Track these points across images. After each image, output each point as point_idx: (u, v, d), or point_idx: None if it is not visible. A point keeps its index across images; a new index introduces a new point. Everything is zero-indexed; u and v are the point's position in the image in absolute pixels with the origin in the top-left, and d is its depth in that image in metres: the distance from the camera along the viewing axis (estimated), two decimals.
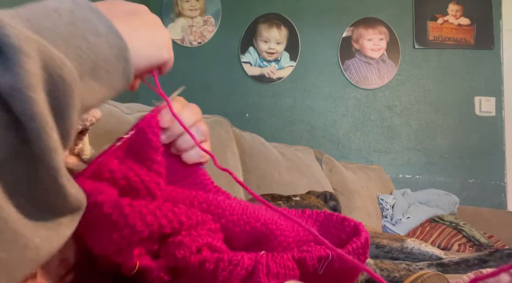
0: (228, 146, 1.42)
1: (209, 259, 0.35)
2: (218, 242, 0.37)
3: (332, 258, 0.38)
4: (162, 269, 0.34)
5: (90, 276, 0.37)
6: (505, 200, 2.30)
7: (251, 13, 2.64)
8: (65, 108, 0.24)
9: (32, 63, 0.22)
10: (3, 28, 0.22)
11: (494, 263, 0.99)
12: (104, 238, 0.33)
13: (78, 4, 0.28)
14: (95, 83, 0.28)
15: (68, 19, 0.27)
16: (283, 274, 0.37)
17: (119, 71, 0.30)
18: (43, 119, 0.22)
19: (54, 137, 0.23)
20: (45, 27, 0.25)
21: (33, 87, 0.22)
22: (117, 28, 0.29)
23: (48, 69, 0.23)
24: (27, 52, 0.22)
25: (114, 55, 0.29)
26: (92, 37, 0.28)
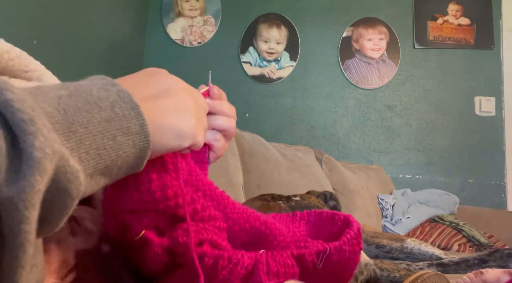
0: (228, 146, 1.42)
1: (209, 255, 0.35)
2: (223, 241, 0.38)
3: (330, 251, 0.39)
4: (162, 247, 0.35)
5: (90, 277, 0.37)
6: (505, 200, 2.30)
7: (251, 13, 2.64)
8: (58, 216, 0.24)
9: (44, 181, 0.21)
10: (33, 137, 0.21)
11: (494, 263, 0.99)
12: (125, 194, 0.34)
13: (122, 100, 0.29)
14: (103, 178, 0.28)
15: (105, 115, 0.27)
16: (283, 273, 0.37)
17: (130, 167, 0.30)
18: (27, 237, 0.21)
19: (29, 254, 0.22)
20: (79, 124, 0.25)
21: (32, 206, 0.21)
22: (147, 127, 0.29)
23: (57, 183, 0.23)
24: (44, 169, 0.21)
25: (134, 154, 0.29)
26: (120, 137, 0.28)
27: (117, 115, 0.28)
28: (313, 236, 0.45)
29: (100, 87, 0.29)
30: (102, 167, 0.27)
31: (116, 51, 2.34)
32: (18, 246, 0.21)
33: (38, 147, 0.21)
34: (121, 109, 0.28)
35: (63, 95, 0.26)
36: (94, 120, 0.26)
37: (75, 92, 0.27)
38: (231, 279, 0.35)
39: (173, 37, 2.68)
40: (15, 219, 0.21)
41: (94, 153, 0.26)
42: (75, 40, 1.93)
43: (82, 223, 0.38)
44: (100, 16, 2.14)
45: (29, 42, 1.61)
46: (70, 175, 0.23)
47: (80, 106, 0.26)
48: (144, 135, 0.29)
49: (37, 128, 0.22)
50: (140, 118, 0.29)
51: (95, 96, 0.28)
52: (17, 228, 0.21)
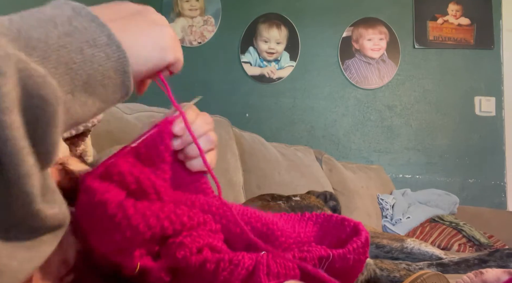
0: (228, 146, 1.42)
1: (210, 260, 0.35)
2: (218, 242, 0.37)
3: (333, 258, 0.38)
4: (163, 270, 0.34)
5: (90, 277, 0.37)
6: (505, 200, 2.30)
7: (251, 13, 2.64)
8: (45, 128, 0.23)
9: (8, 83, 0.20)
10: None
11: (494, 263, 0.99)
12: (107, 237, 0.33)
13: (78, 13, 0.27)
14: (89, 97, 0.27)
15: (64, 29, 0.26)
16: (284, 274, 0.37)
17: (117, 85, 0.29)
18: (17, 143, 0.21)
19: (29, 162, 0.21)
20: (37, 39, 0.24)
21: (7, 109, 0.20)
22: (117, 37, 0.28)
23: (27, 88, 0.22)
24: (3, 71, 0.20)
25: (112, 67, 0.28)
26: (88, 49, 0.26)
27: (77, 28, 0.26)
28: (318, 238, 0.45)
29: (55, 6, 0.27)
30: (80, 83, 0.26)
31: None
32: (13, 154, 0.21)
33: None
34: (80, 22, 0.27)
35: (14, 18, 0.25)
36: (52, 35, 0.25)
37: (26, 14, 0.26)
38: (232, 280, 0.35)
39: None
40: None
41: (65, 68, 0.25)
42: None
43: None
44: None
45: None
46: (37, 78, 0.22)
47: (34, 24, 0.25)
48: (115, 45, 0.28)
49: None
50: (104, 29, 0.27)
51: (49, 15, 0.26)
52: (3, 134, 0.20)
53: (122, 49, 0.28)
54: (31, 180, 0.22)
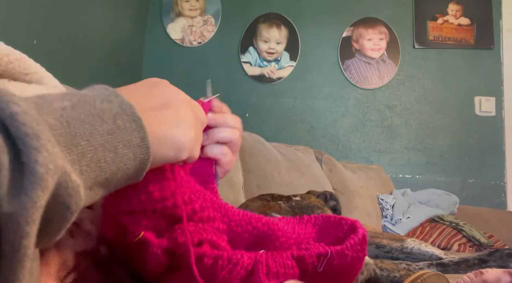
0: None
1: (208, 255, 0.35)
2: (222, 242, 0.38)
3: (331, 255, 0.38)
4: (161, 248, 0.35)
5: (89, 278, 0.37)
6: (505, 200, 2.30)
7: (251, 13, 2.64)
8: (56, 229, 0.24)
9: (44, 198, 0.21)
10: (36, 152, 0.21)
11: (494, 263, 0.99)
12: (123, 195, 0.34)
13: (124, 112, 0.29)
14: (101, 189, 0.28)
15: (107, 128, 0.27)
16: (283, 273, 0.37)
17: (130, 178, 0.30)
18: (26, 252, 0.21)
19: (27, 268, 0.22)
20: (81, 136, 0.26)
21: (33, 222, 0.21)
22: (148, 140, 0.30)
23: (58, 197, 0.23)
24: (46, 186, 0.21)
25: (134, 167, 0.29)
26: (121, 149, 0.28)
27: (119, 127, 0.28)
28: (318, 239, 0.45)
29: (103, 98, 0.29)
30: (102, 179, 0.27)
31: (116, 51, 2.34)
32: (17, 261, 0.21)
33: (41, 162, 0.21)
34: (123, 121, 0.28)
35: (67, 107, 0.26)
36: (96, 133, 0.27)
37: (78, 103, 0.27)
38: (231, 279, 0.35)
39: (173, 37, 2.68)
40: (16, 234, 0.21)
41: (95, 166, 0.26)
42: (75, 40, 1.93)
43: (81, 224, 0.38)
44: (100, 16, 2.14)
45: (29, 42, 1.61)
46: (71, 190, 0.23)
47: (83, 118, 0.26)
48: (145, 147, 0.30)
49: (41, 143, 0.22)
50: (141, 131, 0.29)
51: (98, 108, 0.28)
52: (18, 243, 0.21)
53: (149, 152, 0.30)
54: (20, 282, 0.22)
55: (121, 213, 0.35)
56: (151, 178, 0.34)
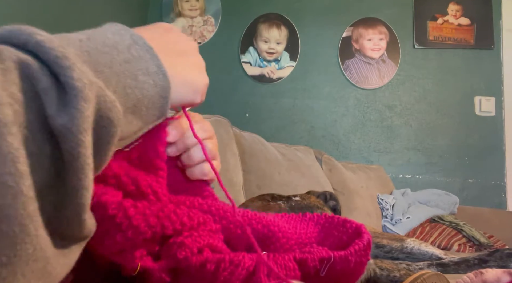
0: (228, 146, 1.42)
1: (211, 260, 0.35)
2: (219, 242, 0.37)
3: (334, 260, 0.38)
4: (163, 270, 0.34)
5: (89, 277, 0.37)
6: (505, 200, 2.30)
7: (251, 13, 2.64)
8: (106, 146, 0.26)
9: (90, 108, 0.23)
10: (69, 69, 0.23)
11: (494, 263, 0.99)
12: (107, 238, 0.33)
13: (136, 43, 0.31)
14: (134, 117, 0.30)
15: (124, 57, 0.29)
16: (284, 275, 0.37)
17: (157, 108, 0.32)
18: (85, 160, 0.23)
19: (90, 177, 0.24)
20: (103, 64, 0.28)
21: (85, 131, 0.23)
22: (164, 67, 0.32)
23: (100, 111, 0.25)
24: (87, 97, 0.23)
25: (157, 93, 0.32)
26: (141, 76, 0.30)
27: (134, 56, 0.30)
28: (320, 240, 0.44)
29: (114, 31, 0.31)
30: (131, 105, 0.29)
31: None
32: (79, 169, 0.23)
33: (77, 78, 0.23)
34: (137, 51, 0.31)
35: (83, 39, 0.28)
36: (115, 61, 0.29)
37: (93, 35, 0.29)
38: (232, 280, 0.35)
39: None
40: (72, 143, 0.23)
41: (122, 92, 0.28)
42: None
43: None
44: (100, 16, 2.14)
45: None
46: (109, 103, 0.25)
47: (100, 48, 0.28)
48: (162, 74, 0.32)
49: (72, 62, 0.23)
50: (155, 59, 0.31)
51: (111, 40, 0.30)
52: (76, 151, 0.23)
53: (168, 79, 0.32)
54: (87, 192, 0.24)
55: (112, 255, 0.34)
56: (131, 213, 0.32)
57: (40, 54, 0.23)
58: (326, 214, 0.46)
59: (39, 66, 0.23)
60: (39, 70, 0.23)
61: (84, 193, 0.24)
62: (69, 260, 0.25)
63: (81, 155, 0.23)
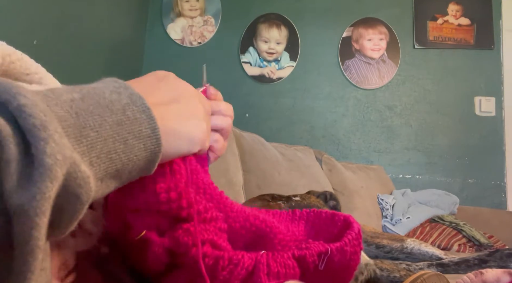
0: (228, 146, 1.42)
1: (209, 255, 0.35)
2: (223, 242, 0.38)
3: (331, 252, 0.38)
4: (162, 247, 0.35)
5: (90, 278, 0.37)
6: (505, 200, 2.30)
7: (251, 13, 2.64)
8: (68, 219, 0.24)
9: (54, 188, 0.21)
10: (44, 143, 0.21)
11: (494, 263, 0.99)
12: (129, 193, 0.34)
13: (134, 103, 0.29)
14: (113, 181, 0.28)
15: (117, 118, 0.27)
16: (284, 274, 0.37)
17: (141, 171, 0.30)
18: (37, 243, 0.21)
19: (39, 259, 0.22)
20: (91, 127, 0.26)
21: (43, 213, 0.21)
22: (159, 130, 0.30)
23: (67, 188, 0.23)
24: (55, 176, 0.21)
25: (145, 158, 0.29)
26: (132, 140, 0.28)
27: (129, 118, 0.28)
28: (312, 237, 0.45)
29: (113, 90, 0.29)
30: (113, 171, 0.27)
31: (116, 51, 2.34)
32: (28, 252, 0.21)
33: (49, 153, 0.21)
34: (133, 112, 0.28)
35: (76, 98, 0.26)
36: (105, 123, 0.27)
37: (87, 95, 0.27)
38: (232, 280, 0.35)
39: (173, 37, 2.68)
40: (26, 226, 0.21)
41: (105, 157, 0.26)
42: (75, 40, 1.93)
43: (82, 224, 0.38)
44: (100, 16, 2.14)
45: (29, 42, 1.61)
46: (80, 180, 0.23)
47: (92, 109, 0.26)
48: (156, 138, 0.30)
49: (48, 134, 0.22)
50: (151, 122, 0.29)
51: (107, 99, 0.28)
52: (28, 235, 0.21)
53: (160, 143, 0.30)
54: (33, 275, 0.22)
55: (126, 210, 0.35)
56: (159, 179, 0.34)
57: (19, 119, 0.21)
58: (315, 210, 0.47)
59: (11, 133, 0.21)
60: (9, 137, 0.21)
61: (29, 276, 0.22)
62: None
63: (33, 239, 0.21)
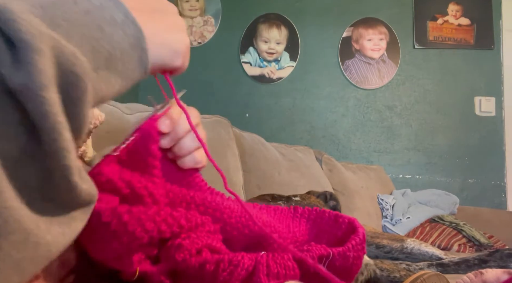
0: (228, 146, 1.42)
1: (210, 261, 0.35)
2: (217, 243, 0.37)
3: (333, 257, 0.38)
4: (163, 273, 0.34)
5: (90, 278, 0.37)
6: (505, 200, 2.30)
7: (251, 13, 2.64)
8: (78, 104, 0.24)
9: (44, 60, 0.21)
10: (14, 22, 0.21)
11: (494, 263, 0.99)
12: (104, 245, 0.32)
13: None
14: (111, 74, 0.28)
15: (83, 7, 0.26)
16: (284, 274, 0.37)
17: (135, 61, 0.30)
18: (55, 118, 0.22)
19: (66, 136, 0.22)
20: (60, 17, 0.25)
21: (46, 86, 0.21)
22: (133, 15, 0.29)
23: (61, 66, 0.23)
24: (39, 49, 0.21)
25: (129, 44, 0.29)
26: (107, 27, 0.27)
27: (95, 6, 0.27)
28: (313, 236, 0.44)
29: None
30: (102, 60, 0.27)
31: None
32: (51, 129, 0.21)
33: (24, 30, 0.21)
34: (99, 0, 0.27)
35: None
36: (73, 13, 0.26)
37: None
38: (232, 281, 0.35)
39: None
40: (35, 101, 0.21)
41: (88, 45, 0.26)
42: None
43: None
44: None
45: None
46: (70, 56, 0.23)
47: (56, 1, 0.25)
48: (132, 22, 0.29)
49: (17, 15, 0.21)
50: (120, 7, 0.28)
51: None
52: (42, 110, 0.21)
53: (139, 27, 0.29)
54: (69, 153, 0.23)
55: (109, 261, 0.34)
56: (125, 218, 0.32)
57: None
58: (317, 209, 0.46)
59: None
60: None
61: (65, 154, 0.22)
62: (69, 228, 0.24)
63: (49, 113, 0.21)
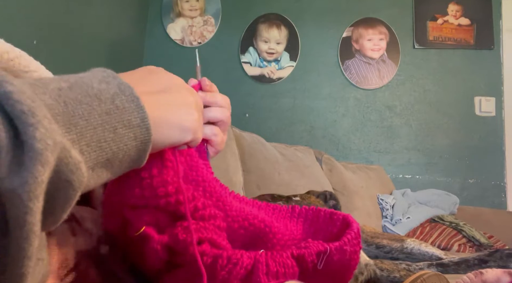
0: (228, 146, 1.42)
1: (208, 254, 0.35)
2: (223, 240, 0.38)
3: (330, 252, 0.38)
4: (161, 244, 0.35)
5: (90, 277, 0.37)
6: (505, 200, 2.30)
7: (251, 13, 2.64)
8: (61, 206, 0.24)
9: (46, 172, 0.22)
10: (33, 129, 0.21)
11: (494, 263, 0.99)
12: (126, 189, 0.34)
13: (123, 92, 0.29)
14: (105, 171, 0.28)
15: (106, 108, 0.27)
16: (283, 273, 0.37)
17: (132, 161, 0.30)
18: (32, 228, 0.21)
19: (34, 245, 0.22)
20: (79, 116, 0.26)
21: (36, 198, 0.21)
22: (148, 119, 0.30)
23: (60, 174, 0.23)
24: (46, 160, 0.21)
25: (135, 147, 0.30)
26: (121, 129, 0.28)
27: (118, 107, 0.28)
28: (310, 235, 0.45)
29: (101, 79, 0.29)
30: (103, 159, 0.27)
31: (116, 51, 2.34)
32: (24, 238, 0.21)
33: (39, 138, 0.21)
34: (122, 101, 0.29)
35: (64, 88, 0.26)
36: (94, 112, 0.27)
37: (75, 84, 0.27)
38: (231, 279, 0.35)
39: (173, 37, 2.68)
40: (20, 210, 0.21)
41: (95, 146, 0.26)
42: (75, 40, 1.93)
43: (83, 223, 0.38)
44: (100, 16, 2.14)
45: (29, 42, 1.61)
46: (72, 166, 0.24)
47: (81, 98, 0.26)
48: (145, 128, 0.30)
49: (37, 120, 0.22)
50: (140, 111, 0.29)
51: (96, 89, 0.28)
52: (22, 220, 0.21)
53: (150, 132, 0.30)
54: (30, 262, 0.22)
55: (124, 207, 0.35)
56: (155, 173, 0.34)
57: (6, 106, 0.21)
58: (313, 208, 0.47)
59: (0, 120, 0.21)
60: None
61: (26, 262, 0.22)
62: None
63: (27, 224, 0.21)
